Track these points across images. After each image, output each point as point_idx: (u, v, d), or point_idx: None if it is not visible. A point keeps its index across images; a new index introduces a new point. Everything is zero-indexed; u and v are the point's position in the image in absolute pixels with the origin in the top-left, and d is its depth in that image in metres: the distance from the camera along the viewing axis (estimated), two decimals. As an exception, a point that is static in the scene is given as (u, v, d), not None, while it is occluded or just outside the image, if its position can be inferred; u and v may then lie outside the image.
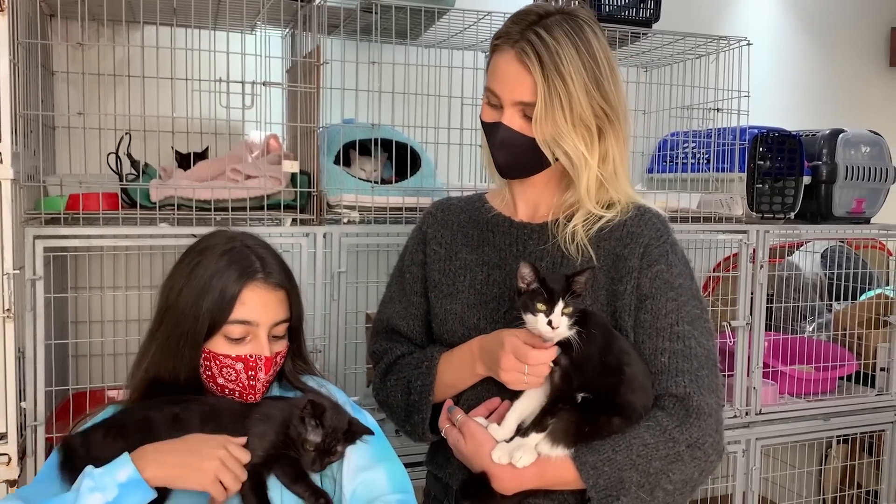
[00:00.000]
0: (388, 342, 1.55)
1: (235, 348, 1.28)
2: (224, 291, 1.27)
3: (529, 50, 1.31)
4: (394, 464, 1.33)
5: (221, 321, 1.27)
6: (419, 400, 1.44)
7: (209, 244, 1.33)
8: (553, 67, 1.30)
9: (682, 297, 1.34)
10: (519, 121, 1.35)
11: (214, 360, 1.28)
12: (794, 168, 2.64)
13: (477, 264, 1.47)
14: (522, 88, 1.33)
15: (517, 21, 1.36)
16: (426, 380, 1.43)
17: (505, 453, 1.28)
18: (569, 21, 1.34)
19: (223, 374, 1.29)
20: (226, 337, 1.28)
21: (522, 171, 1.42)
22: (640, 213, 1.40)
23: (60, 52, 2.24)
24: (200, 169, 2.07)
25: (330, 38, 2.30)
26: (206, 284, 1.27)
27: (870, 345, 2.78)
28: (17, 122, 1.70)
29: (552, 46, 1.30)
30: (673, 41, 2.50)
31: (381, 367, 1.54)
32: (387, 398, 1.51)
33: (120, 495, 1.11)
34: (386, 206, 2.11)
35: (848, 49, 3.58)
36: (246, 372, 1.28)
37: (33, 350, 1.73)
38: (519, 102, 1.34)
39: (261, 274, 1.30)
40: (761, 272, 2.48)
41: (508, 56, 1.34)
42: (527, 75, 1.32)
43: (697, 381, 1.30)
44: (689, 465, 1.27)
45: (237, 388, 1.30)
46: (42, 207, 1.85)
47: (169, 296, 1.30)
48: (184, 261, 1.33)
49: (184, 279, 1.29)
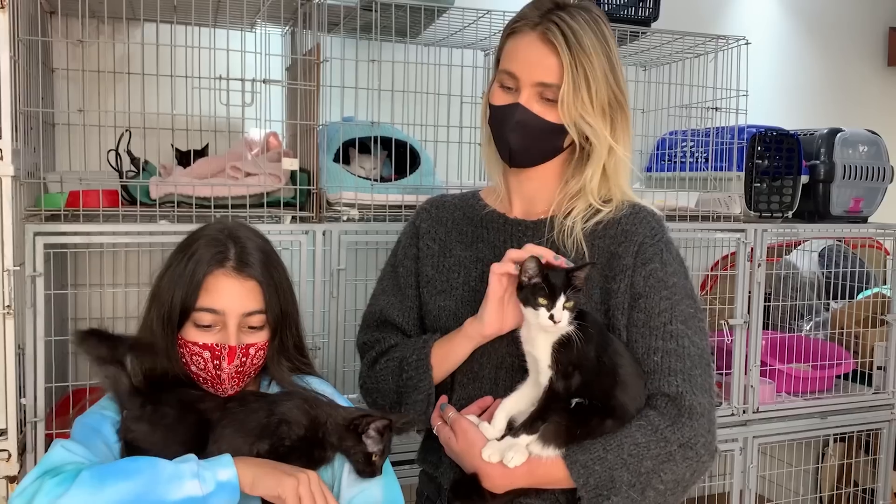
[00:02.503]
0: (380, 333, 1.54)
1: (204, 336, 1.29)
2: (192, 277, 1.29)
3: (556, 30, 1.32)
4: (389, 477, 1.35)
5: (189, 307, 1.29)
6: (416, 376, 1.41)
7: (201, 234, 1.35)
8: (579, 49, 1.31)
9: (675, 296, 1.34)
10: (537, 103, 1.35)
11: (185, 346, 1.30)
12: (792, 167, 2.65)
13: (471, 261, 1.47)
14: (546, 69, 1.33)
15: (536, 7, 1.37)
16: (422, 353, 1.41)
17: (495, 452, 1.28)
18: (587, 11, 1.36)
19: (193, 361, 1.30)
20: (195, 324, 1.29)
21: (533, 158, 1.41)
22: (634, 212, 1.40)
23: (61, 50, 2.24)
24: (200, 166, 2.07)
25: (330, 36, 2.31)
26: (182, 270, 1.29)
27: (867, 343, 2.79)
28: (18, 118, 1.71)
29: (577, 29, 1.32)
30: (672, 40, 2.51)
31: (371, 355, 1.52)
32: (376, 383, 1.49)
33: (215, 492, 1.13)
34: (385, 203, 2.12)
35: (846, 48, 3.59)
36: (212, 361, 1.29)
37: (33, 346, 1.74)
38: (539, 83, 1.34)
39: (231, 262, 1.30)
40: (759, 271, 2.49)
41: (530, 37, 1.34)
42: (552, 55, 1.32)
43: (690, 381, 1.30)
44: (680, 465, 1.27)
45: (207, 377, 1.31)
46: (42, 204, 1.86)
47: (158, 281, 1.33)
48: (176, 248, 1.36)
49: (167, 266, 1.33)
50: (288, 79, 2.32)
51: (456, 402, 1.42)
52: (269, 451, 1.25)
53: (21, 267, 1.71)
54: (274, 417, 1.28)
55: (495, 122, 1.41)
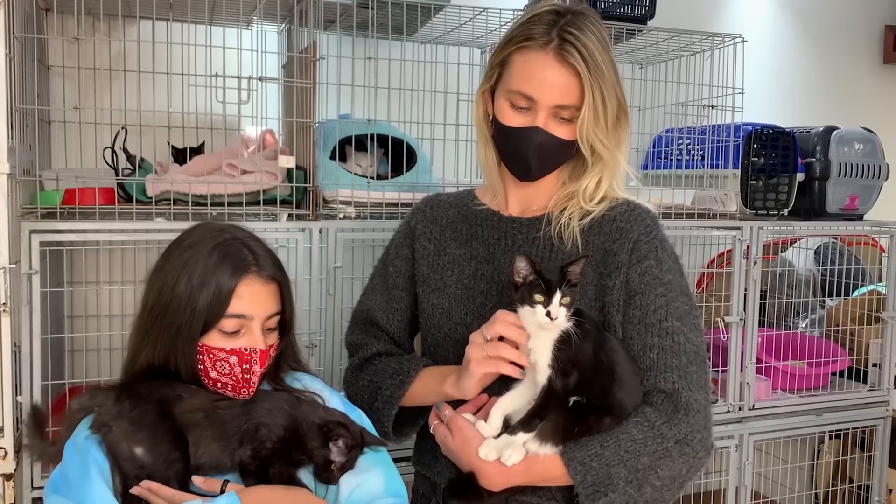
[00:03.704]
0: (366, 335, 1.54)
1: (230, 342, 1.28)
2: (220, 286, 1.26)
3: (573, 50, 1.30)
4: (389, 467, 1.34)
5: (218, 316, 1.27)
6: (382, 409, 1.45)
7: (199, 238, 1.32)
8: (596, 66, 1.31)
9: (671, 293, 1.34)
10: (554, 124, 1.35)
11: (208, 353, 1.28)
12: (788, 165, 2.65)
13: (465, 259, 1.47)
14: (566, 92, 1.32)
15: (539, 20, 1.34)
16: (395, 392, 1.44)
17: (492, 449, 1.28)
18: (587, 18, 1.34)
19: (216, 367, 1.29)
20: (220, 331, 1.28)
21: (546, 172, 1.42)
22: (629, 209, 1.41)
23: (56, 47, 2.24)
24: (196, 164, 2.07)
25: (326, 34, 2.31)
26: (202, 280, 1.26)
27: (862, 341, 2.80)
28: (14, 116, 1.71)
29: (590, 46, 1.31)
30: (668, 38, 2.51)
31: (356, 360, 1.54)
32: (355, 395, 1.52)
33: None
34: (382, 201, 2.12)
35: (842, 46, 3.59)
36: (240, 365, 1.29)
37: (29, 344, 1.74)
38: (558, 106, 1.33)
39: (254, 267, 1.29)
40: (755, 268, 2.50)
41: (546, 58, 1.32)
42: (573, 78, 1.31)
43: (686, 378, 1.30)
44: (677, 461, 1.28)
45: (230, 381, 1.30)
46: (38, 202, 1.85)
47: (162, 292, 1.28)
48: (172, 255, 1.31)
49: (176, 275, 1.28)
50: (284, 76, 2.32)
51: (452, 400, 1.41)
52: (251, 456, 1.25)
53: (17, 265, 1.71)
54: (252, 422, 1.27)
55: (510, 142, 1.39)
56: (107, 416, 1.22)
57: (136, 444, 1.20)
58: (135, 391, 1.25)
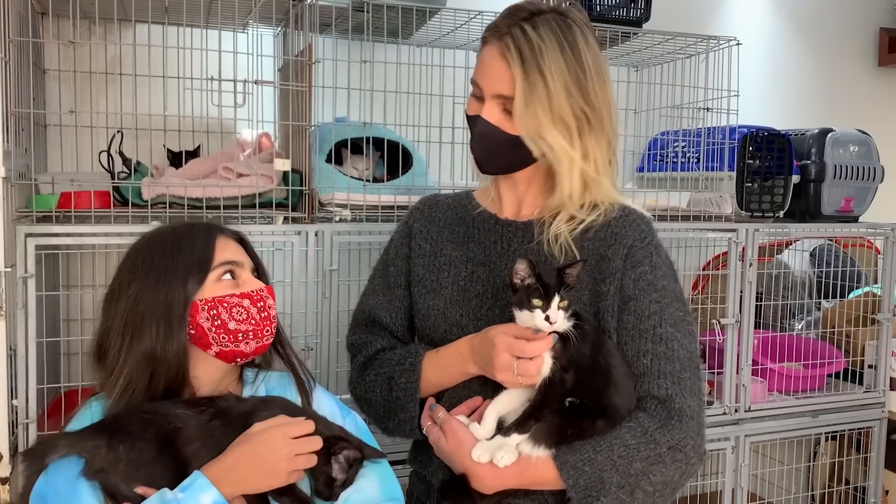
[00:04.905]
0: (368, 334, 1.53)
1: (232, 289, 1.30)
2: (200, 247, 1.30)
3: (512, 45, 1.32)
4: (385, 471, 1.34)
5: (207, 266, 1.29)
6: (403, 397, 1.42)
7: (161, 238, 1.34)
8: (534, 64, 1.31)
9: (665, 299, 1.35)
10: (498, 114, 1.36)
11: (220, 304, 1.28)
12: (784, 167, 2.66)
13: (461, 261, 1.47)
14: (502, 82, 1.34)
15: (508, 16, 1.37)
16: (411, 377, 1.42)
17: (485, 452, 1.28)
18: (559, 21, 1.35)
19: (234, 315, 1.28)
20: (217, 281, 1.29)
21: (500, 167, 1.43)
22: (624, 215, 1.41)
23: (52, 51, 2.24)
24: (192, 167, 2.07)
25: (322, 37, 2.31)
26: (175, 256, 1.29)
27: (858, 342, 2.81)
28: (9, 120, 1.71)
29: (535, 43, 1.31)
30: (663, 41, 2.52)
31: (360, 360, 1.52)
32: (365, 393, 1.49)
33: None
34: (378, 204, 2.12)
35: (837, 49, 3.60)
36: (255, 305, 1.30)
37: (25, 348, 1.74)
38: (498, 95, 1.35)
39: (217, 230, 1.35)
40: (750, 270, 2.50)
41: (493, 50, 1.36)
42: (507, 70, 1.33)
43: (680, 384, 1.30)
44: (669, 466, 1.28)
45: (251, 327, 1.30)
46: (34, 205, 1.86)
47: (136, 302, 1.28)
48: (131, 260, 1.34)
49: (144, 272, 1.30)
50: (280, 79, 2.32)
51: (445, 402, 1.41)
52: None
53: (13, 268, 1.71)
54: None
55: (470, 132, 1.43)
56: (102, 463, 1.17)
57: (137, 482, 1.17)
58: (128, 432, 1.20)
